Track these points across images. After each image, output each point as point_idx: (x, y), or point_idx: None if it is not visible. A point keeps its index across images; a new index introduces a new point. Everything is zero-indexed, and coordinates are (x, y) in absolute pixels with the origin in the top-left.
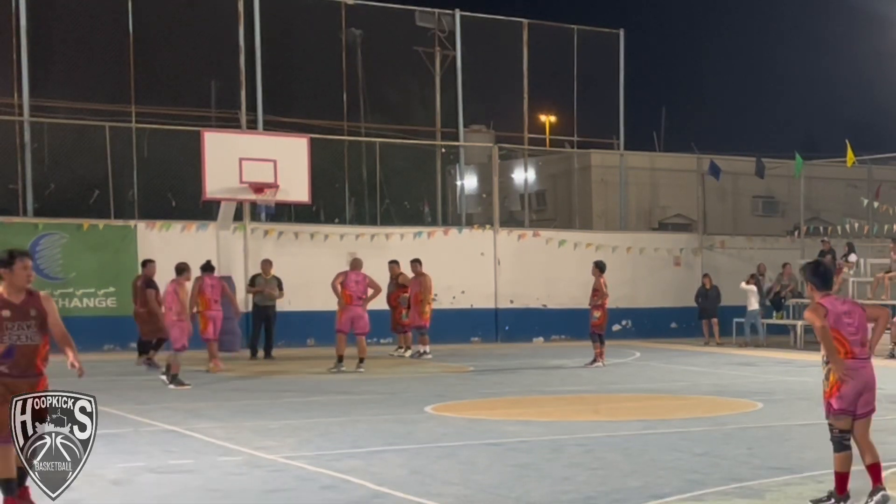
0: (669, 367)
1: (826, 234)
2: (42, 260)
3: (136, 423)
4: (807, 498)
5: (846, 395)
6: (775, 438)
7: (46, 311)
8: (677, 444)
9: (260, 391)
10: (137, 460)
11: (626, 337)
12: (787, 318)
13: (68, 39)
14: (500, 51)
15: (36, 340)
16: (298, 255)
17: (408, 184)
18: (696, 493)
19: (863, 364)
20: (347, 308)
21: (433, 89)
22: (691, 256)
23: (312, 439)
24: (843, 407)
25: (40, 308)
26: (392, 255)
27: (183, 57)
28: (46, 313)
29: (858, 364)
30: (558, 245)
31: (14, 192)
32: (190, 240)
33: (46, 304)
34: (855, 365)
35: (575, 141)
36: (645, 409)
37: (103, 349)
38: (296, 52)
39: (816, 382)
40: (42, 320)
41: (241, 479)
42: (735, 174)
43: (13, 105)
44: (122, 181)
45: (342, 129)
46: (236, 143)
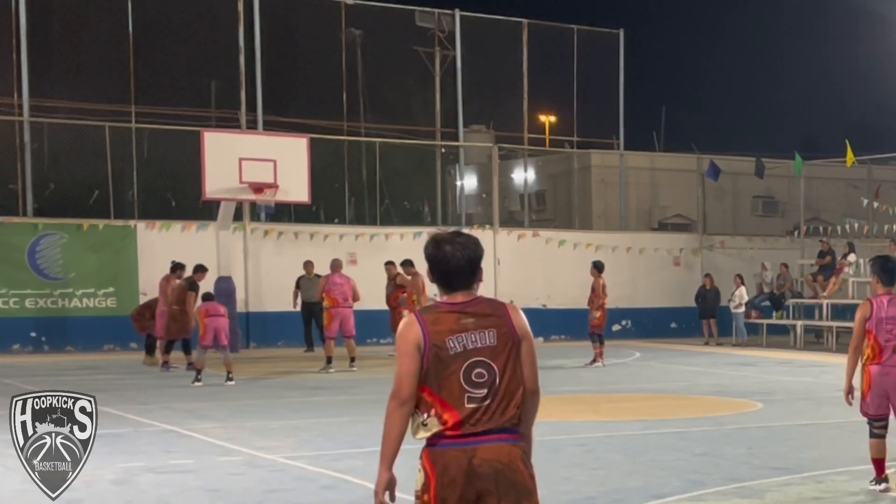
0: (669, 367)
1: (826, 234)
2: (42, 260)
3: (136, 423)
4: (807, 498)
5: (873, 400)
6: (775, 438)
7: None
8: (677, 444)
9: (260, 391)
10: (137, 460)
11: (626, 337)
12: (787, 318)
13: (68, 39)
14: (500, 51)
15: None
16: (298, 255)
17: (408, 184)
18: (696, 493)
19: (890, 370)
20: (336, 312)
21: (433, 89)
22: (691, 256)
23: (312, 439)
24: (874, 412)
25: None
26: (392, 256)
27: (183, 57)
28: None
29: (887, 370)
30: (558, 245)
31: (14, 192)
32: (190, 240)
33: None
34: (883, 371)
35: (575, 141)
36: (645, 409)
37: (103, 349)
38: (296, 52)
39: (816, 382)
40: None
41: (241, 479)
42: (735, 174)
43: (13, 105)
44: (122, 181)
45: (342, 129)
46: (236, 143)
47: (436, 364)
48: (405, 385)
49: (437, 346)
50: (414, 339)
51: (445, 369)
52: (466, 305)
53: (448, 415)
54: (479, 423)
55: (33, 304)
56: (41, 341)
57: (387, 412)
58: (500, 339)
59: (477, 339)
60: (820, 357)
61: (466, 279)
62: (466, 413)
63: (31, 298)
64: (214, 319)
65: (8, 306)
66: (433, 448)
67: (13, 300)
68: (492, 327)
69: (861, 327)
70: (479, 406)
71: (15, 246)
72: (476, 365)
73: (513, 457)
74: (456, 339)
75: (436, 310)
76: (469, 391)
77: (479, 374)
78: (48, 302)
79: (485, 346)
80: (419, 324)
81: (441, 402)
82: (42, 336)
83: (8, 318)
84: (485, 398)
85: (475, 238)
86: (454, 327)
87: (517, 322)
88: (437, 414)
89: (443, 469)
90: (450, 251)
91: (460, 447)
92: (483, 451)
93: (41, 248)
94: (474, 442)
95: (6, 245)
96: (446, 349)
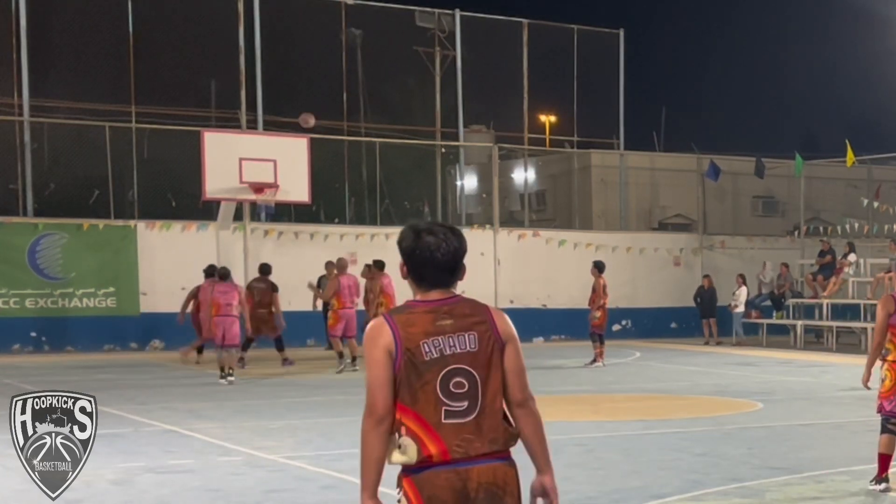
0: (669, 367)
1: (826, 234)
2: (42, 260)
3: (136, 423)
4: (807, 498)
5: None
6: (775, 438)
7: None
8: (677, 444)
9: (260, 391)
10: (137, 460)
11: (626, 337)
12: (787, 317)
13: (68, 39)
14: (500, 51)
15: None
16: (298, 255)
17: (408, 184)
18: (696, 493)
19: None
20: (344, 313)
21: (433, 89)
22: (691, 256)
23: (312, 439)
24: (894, 410)
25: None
26: (392, 255)
27: (183, 57)
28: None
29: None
30: (558, 245)
31: (14, 192)
32: (190, 240)
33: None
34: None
35: (575, 141)
36: (645, 409)
37: (103, 349)
38: (296, 53)
39: (816, 382)
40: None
41: (241, 479)
42: (735, 174)
43: (13, 105)
44: (122, 181)
45: (342, 129)
46: (236, 143)
47: (408, 372)
48: (379, 398)
49: (410, 350)
50: (384, 343)
51: (419, 378)
52: (443, 304)
53: (424, 434)
54: (466, 442)
55: (33, 304)
56: (41, 341)
57: (362, 433)
58: (481, 344)
59: (456, 343)
60: (820, 357)
61: (447, 275)
62: (446, 431)
63: (32, 298)
64: (224, 319)
65: (8, 306)
66: (416, 475)
67: (13, 300)
68: (472, 330)
69: (884, 323)
70: (460, 422)
71: (15, 246)
72: (455, 373)
73: (507, 478)
74: (432, 342)
75: (408, 310)
76: (447, 404)
77: (459, 383)
78: (48, 302)
79: (464, 352)
80: (389, 326)
81: (416, 417)
82: (42, 336)
83: (8, 318)
84: (466, 412)
85: (458, 229)
86: (430, 329)
87: (501, 325)
88: (411, 433)
89: (430, 497)
90: (433, 242)
91: (451, 468)
92: (477, 474)
93: (41, 248)
94: (466, 463)
95: (6, 245)
96: (420, 354)
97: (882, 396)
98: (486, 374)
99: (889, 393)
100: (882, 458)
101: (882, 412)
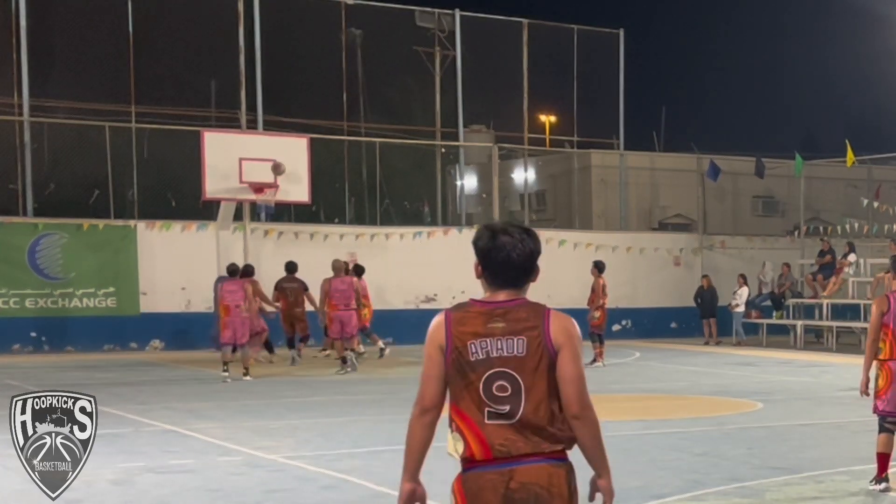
0: (669, 367)
1: (826, 234)
2: (42, 260)
3: (136, 423)
4: (807, 498)
5: (893, 397)
6: (775, 438)
7: None
8: (677, 444)
9: (260, 391)
10: (137, 460)
11: (626, 337)
12: (787, 317)
13: (68, 39)
14: (500, 51)
15: None
16: (298, 255)
17: (408, 184)
18: (696, 493)
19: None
20: (335, 316)
21: (433, 89)
22: (691, 256)
23: (312, 439)
24: (887, 409)
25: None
26: (393, 255)
27: (183, 57)
28: None
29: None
30: (558, 245)
31: (14, 192)
32: (190, 240)
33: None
34: None
35: (575, 141)
36: (645, 409)
37: (103, 349)
38: (296, 53)
39: (816, 382)
40: None
41: (241, 479)
42: (735, 174)
43: (13, 105)
44: (122, 181)
45: (342, 129)
46: (236, 143)
47: (455, 370)
48: (427, 390)
49: (459, 349)
50: (438, 339)
51: (464, 378)
52: (500, 306)
53: (469, 431)
54: (509, 442)
55: (33, 304)
56: (41, 341)
57: (409, 420)
58: (529, 350)
59: (503, 346)
60: (820, 357)
61: (520, 276)
62: (489, 431)
63: (31, 298)
64: (233, 320)
65: (8, 306)
66: (465, 474)
67: (13, 300)
68: (522, 335)
69: (878, 322)
70: (503, 423)
71: (15, 246)
72: (498, 376)
73: (553, 479)
74: (479, 343)
75: (466, 308)
76: (489, 405)
77: (502, 386)
78: (48, 302)
79: (511, 356)
80: (445, 322)
81: (462, 415)
82: (42, 336)
83: (8, 318)
84: (509, 415)
85: (533, 230)
86: (479, 330)
87: (555, 331)
88: (458, 429)
89: (474, 496)
90: (509, 242)
91: (495, 469)
92: (521, 474)
93: (41, 248)
94: (509, 463)
95: (6, 245)
96: (467, 354)
97: (876, 396)
98: (531, 381)
99: (883, 392)
100: (881, 457)
101: (877, 412)
